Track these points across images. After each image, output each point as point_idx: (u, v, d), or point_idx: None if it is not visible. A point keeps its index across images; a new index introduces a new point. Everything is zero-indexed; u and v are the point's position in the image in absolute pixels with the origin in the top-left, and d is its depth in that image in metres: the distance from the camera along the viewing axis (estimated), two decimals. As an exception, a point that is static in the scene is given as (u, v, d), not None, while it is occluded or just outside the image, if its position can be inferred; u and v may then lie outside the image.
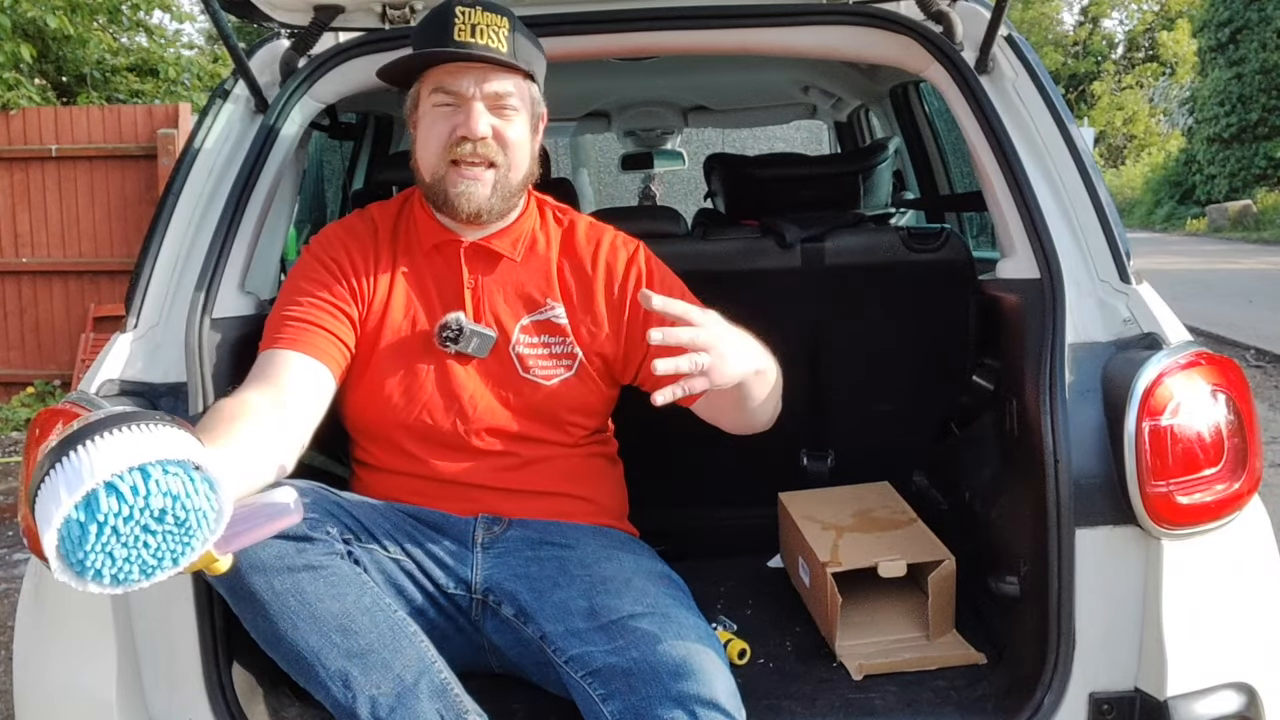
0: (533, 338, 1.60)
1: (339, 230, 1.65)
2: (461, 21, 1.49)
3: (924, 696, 1.55)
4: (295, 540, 1.33)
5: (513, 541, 1.55)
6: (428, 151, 1.56)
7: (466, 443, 1.56)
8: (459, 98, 1.52)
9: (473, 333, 1.56)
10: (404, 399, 1.56)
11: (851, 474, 2.05)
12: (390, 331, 1.57)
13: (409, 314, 1.59)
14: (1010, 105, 1.69)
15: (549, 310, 1.61)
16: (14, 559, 4.05)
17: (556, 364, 1.60)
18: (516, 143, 1.55)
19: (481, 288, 1.60)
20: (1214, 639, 1.46)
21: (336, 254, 1.60)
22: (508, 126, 1.54)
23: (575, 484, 1.62)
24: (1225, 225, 18.66)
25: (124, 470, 0.93)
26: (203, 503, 0.98)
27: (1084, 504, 1.45)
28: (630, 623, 1.39)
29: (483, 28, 1.50)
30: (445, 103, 1.53)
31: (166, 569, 0.98)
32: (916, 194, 3.32)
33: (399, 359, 1.57)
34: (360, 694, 1.31)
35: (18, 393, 6.70)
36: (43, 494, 0.95)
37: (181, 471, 0.97)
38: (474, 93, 1.51)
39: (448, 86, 1.52)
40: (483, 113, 1.52)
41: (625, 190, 6.42)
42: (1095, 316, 1.55)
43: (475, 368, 1.58)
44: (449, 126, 1.52)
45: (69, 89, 8.52)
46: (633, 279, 1.63)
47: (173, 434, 0.99)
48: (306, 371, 1.48)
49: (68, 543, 0.94)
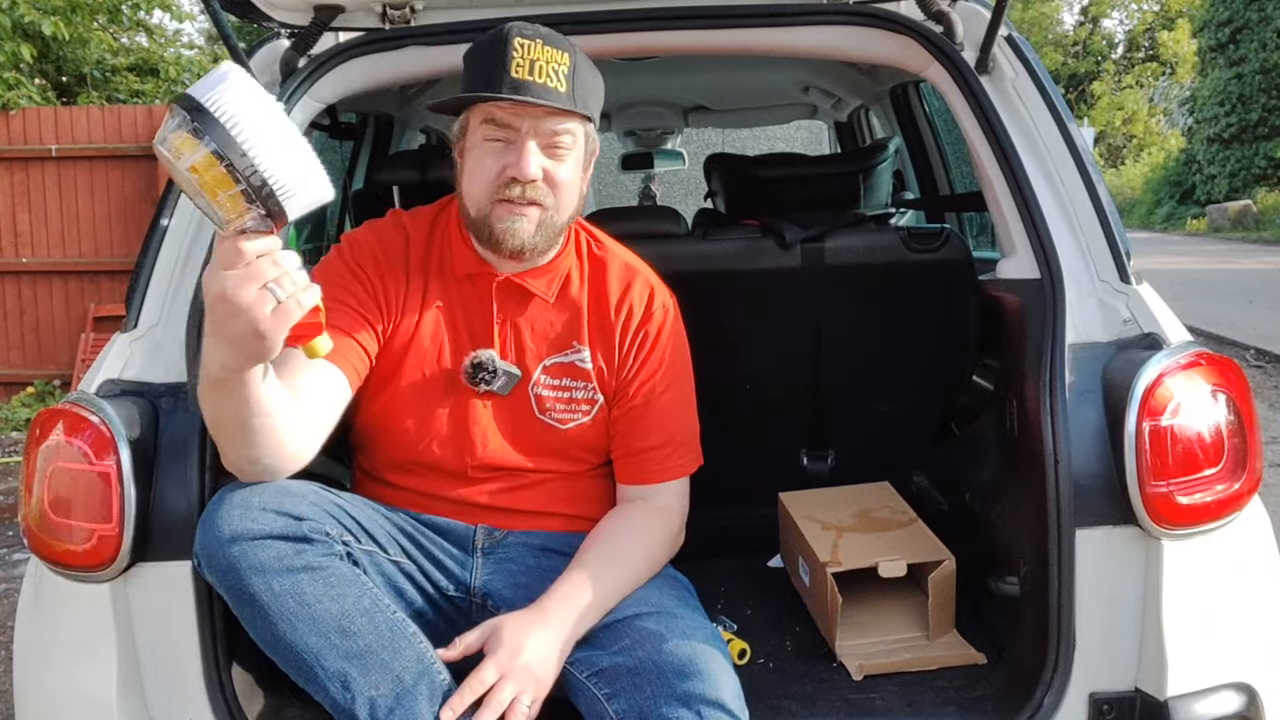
0: (554, 380, 1.57)
1: (371, 240, 1.58)
2: (520, 57, 1.41)
3: (924, 696, 1.55)
4: (294, 541, 1.33)
5: (513, 548, 1.54)
6: (475, 187, 1.49)
7: (468, 473, 1.55)
8: (511, 132, 1.45)
9: (503, 372, 1.54)
10: (416, 427, 1.54)
11: (851, 474, 2.05)
12: (414, 357, 1.54)
13: (435, 343, 1.55)
14: (1010, 105, 1.69)
15: (574, 353, 1.58)
16: (14, 559, 4.05)
17: (575, 409, 1.57)
18: (566, 184, 1.49)
19: (510, 325, 1.56)
20: (1214, 639, 1.46)
21: (366, 265, 1.54)
22: (559, 167, 1.47)
23: (577, 505, 1.60)
24: (1225, 225, 18.65)
25: None
26: None
27: (1084, 504, 1.45)
28: (635, 622, 1.39)
29: (542, 64, 1.41)
30: (496, 137, 1.46)
31: None
32: (916, 194, 3.32)
33: (420, 387, 1.54)
34: (359, 695, 1.31)
35: (18, 393, 6.71)
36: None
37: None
38: (528, 130, 1.44)
39: (500, 119, 1.44)
40: (535, 153, 1.44)
41: (625, 190, 6.42)
42: (1095, 316, 1.55)
43: (492, 404, 1.55)
44: (499, 165, 1.45)
45: (69, 89, 8.53)
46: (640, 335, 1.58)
47: None
48: (326, 375, 1.43)
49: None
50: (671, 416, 1.59)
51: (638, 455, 1.58)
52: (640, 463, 1.58)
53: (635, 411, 1.58)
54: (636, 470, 1.58)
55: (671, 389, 1.60)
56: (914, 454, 2.10)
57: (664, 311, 1.62)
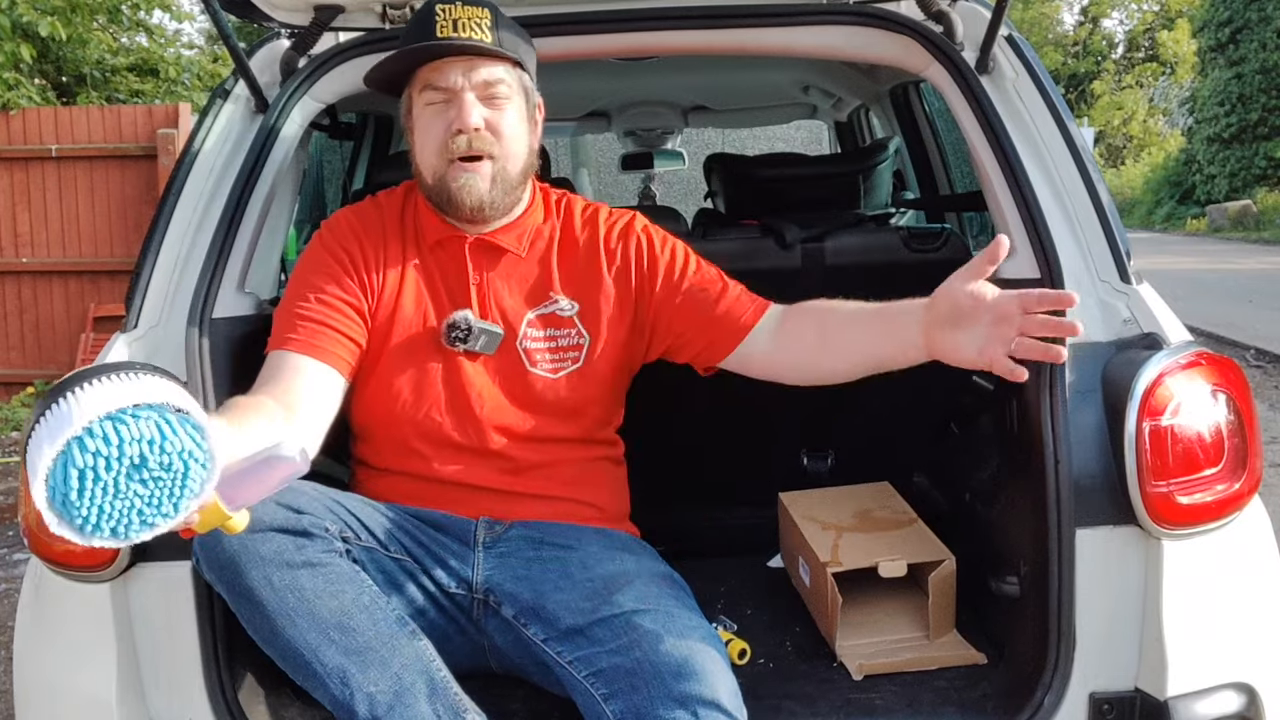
0: (539, 331, 1.60)
1: (351, 218, 1.64)
2: (443, 18, 1.50)
3: (924, 696, 1.55)
4: (294, 536, 1.33)
5: (514, 542, 1.55)
6: (426, 152, 1.55)
7: (472, 442, 1.56)
8: (448, 92, 1.52)
9: (481, 330, 1.56)
10: (413, 396, 1.56)
11: (851, 474, 2.05)
12: (400, 328, 1.57)
13: (419, 310, 1.58)
14: (1010, 105, 1.69)
15: (553, 303, 1.61)
16: (14, 559, 4.05)
17: (563, 356, 1.60)
18: (510, 134, 1.55)
19: (487, 283, 1.60)
20: (1214, 639, 1.46)
21: (348, 245, 1.59)
22: (500, 116, 1.53)
23: (578, 489, 1.61)
24: (1225, 225, 18.65)
25: (96, 419, 0.91)
26: (186, 444, 0.95)
27: (1084, 504, 1.45)
28: (633, 622, 1.39)
29: (464, 21, 1.50)
30: (436, 100, 1.53)
31: (168, 516, 0.96)
32: (916, 194, 3.32)
33: (408, 356, 1.57)
34: (358, 692, 1.31)
35: (18, 393, 6.70)
36: (30, 447, 0.94)
37: (156, 415, 0.94)
38: (462, 84, 1.51)
39: (436, 82, 1.52)
40: (474, 103, 1.51)
41: (625, 190, 6.41)
42: (1095, 316, 1.55)
43: (483, 364, 1.58)
44: (444, 123, 1.52)
45: (69, 89, 8.52)
46: (633, 250, 1.64)
47: (153, 381, 0.96)
48: (318, 377, 1.47)
49: (57, 495, 0.92)
50: (719, 279, 1.63)
51: (726, 310, 1.60)
52: (736, 306, 1.60)
53: (687, 294, 1.60)
54: (738, 317, 1.60)
55: (701, 265, 1.64)
56: (914, 454, 2.10)
57: (645, 229, 1.67)
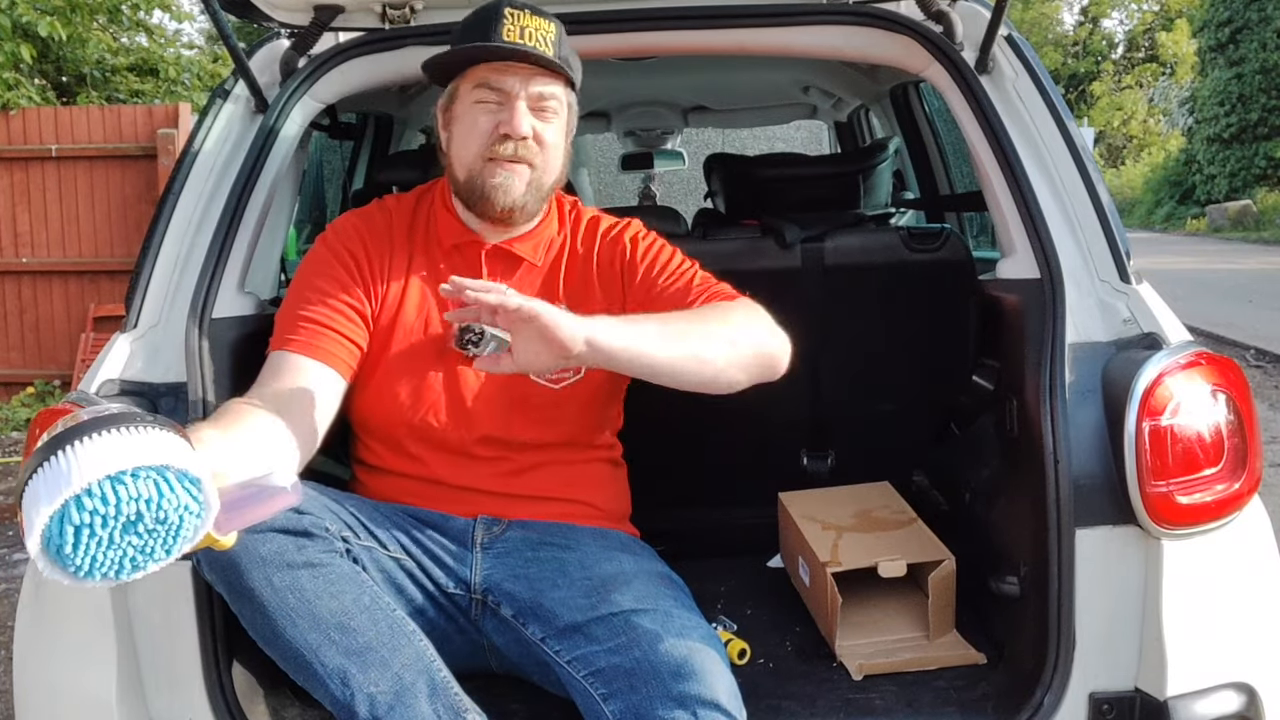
0: None
1: (356, 222, 1.63)
2: (511, 23, 1.49)
3: (924, 696, 1.55)
4: (294, 536, 1.33)
5: (512, 542, 1.55)
6: (466, 148, 1.54)
7: (469, 446, 1.56)
8: (504, 95, 1.51)
9: (492, 336, 1.55)
10: (411, 399, 1.55)
11: (851, 474, 2.05)
12: (403, 331, 1.56)
13: (422, 314, 1.58)
14: (1010, 105, 1.69)
15: None
16: (14, 559, 4.05)
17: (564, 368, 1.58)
18: (553, 146, 1.55)
19: None
20: (1214, 639, 1.46)
21: (353, 248, 1.58)
22: (547, 129, 1.53)
23: (576, 489, 1.61)
24: (1225, 225, 18.65)
25: (95, 481, 0.94)
26: (183, 499, 0.97)
27: (1084, 504, 1.45)
28: (632, 622, 1.39)
29: (531, 30, 1.49)
30: (489, 99, 1.52)
31: (160, 560, 0.99)
32: (916, 194, 3.32)
33: (410, 360, 1.56)
34: (359, 692, 1.31)
35: (18, 393, 6.70)
36: (26, 499, 0.96)
37: (156, 475, 0.96)
38: (519, 90, 1.50)
39: (493, 83, 1.51)
40: (526, 113, 1.50)
41: (625, 190, 6.42)
42: (1095, 316, 1.55)
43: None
44: (492, 123, 1.51)
45: (69, 89, 8.52)
46: (617, 257, 1.62)
47: (153, 437, 0.98)
48: (318, 378, 1.46)
49: (51, 545, 0.94)
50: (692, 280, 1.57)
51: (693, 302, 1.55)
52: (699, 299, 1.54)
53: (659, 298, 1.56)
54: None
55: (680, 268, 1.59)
56: (914, 454, 2.10)
57: (634, 236, 1.64)
